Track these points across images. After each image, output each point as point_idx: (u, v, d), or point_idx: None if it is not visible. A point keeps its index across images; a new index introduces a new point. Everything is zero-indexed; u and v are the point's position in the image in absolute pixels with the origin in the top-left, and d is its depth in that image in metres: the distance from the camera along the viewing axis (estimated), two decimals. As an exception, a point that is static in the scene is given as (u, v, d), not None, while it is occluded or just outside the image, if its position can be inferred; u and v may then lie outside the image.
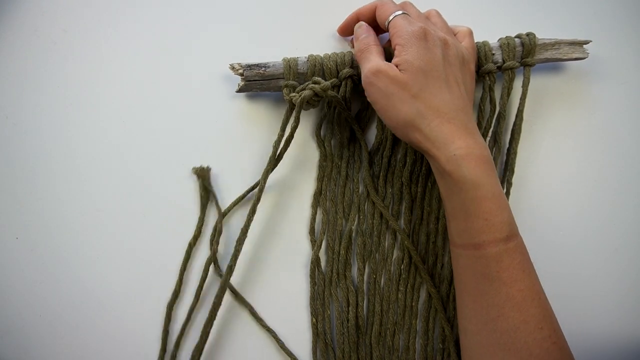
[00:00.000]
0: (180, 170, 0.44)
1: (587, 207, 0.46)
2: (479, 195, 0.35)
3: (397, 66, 0.37)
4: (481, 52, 0.43)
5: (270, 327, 0.43)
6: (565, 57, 0.45)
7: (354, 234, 0.45)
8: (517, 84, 0.45)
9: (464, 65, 0.39)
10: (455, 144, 0.35)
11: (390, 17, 0.39)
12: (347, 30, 0.46)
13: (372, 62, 0.38)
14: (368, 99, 0.39)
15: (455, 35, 0.42)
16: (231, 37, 0.46)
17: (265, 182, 0.41)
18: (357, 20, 0.43)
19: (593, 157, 0.47)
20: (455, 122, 0.36)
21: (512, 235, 0.35)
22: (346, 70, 0.42)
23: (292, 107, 0.41)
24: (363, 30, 0.42)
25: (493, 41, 0.44)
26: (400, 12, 0.40)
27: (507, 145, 0.45)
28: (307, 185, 0.46)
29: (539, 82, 0.47)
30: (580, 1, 0.49)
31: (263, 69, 0.42)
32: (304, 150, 0.46)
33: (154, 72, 0.45)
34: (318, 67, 0.42)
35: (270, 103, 0.46)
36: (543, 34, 0.45)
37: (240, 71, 0.42)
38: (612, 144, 0.47)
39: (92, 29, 0.44)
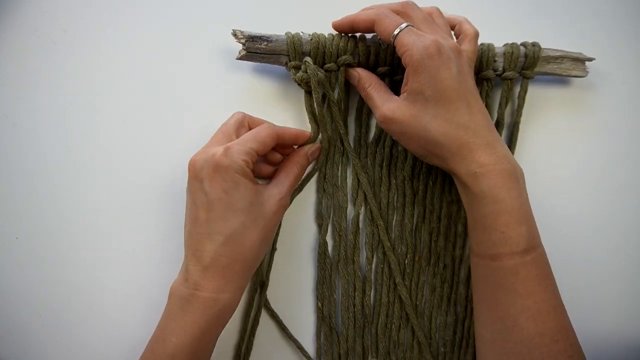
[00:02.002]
0: (183, 170, 0.44)
1: (586, 209, 0.47)
2: (496, 210, 0.35)
3: (408, 93, 0.36)
4: (484, 57, 0.43)
5: (276, 310, 0.44)
6: (564, 73, 0.45)
7: (361, 221, 0.44)
8: (516, 91, 0.45)
9: (472, 70, 0.38)
10: (476, 162, 0.35)
11: (396, 32, 0.36)
12: (340, 31, 0.42)
13: (377, 109, 0.38)
14: None
15: (460, 34, 0.41)
16: (233, 27, 0.46)
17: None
18: (351, 28, 0.40)
19: (593, 158, 0.47)
20: (476, 139, 0.36)
21: (530, 248, 0.35)
22: (344, 58, 0.41)
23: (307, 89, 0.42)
24: (355, 78, 0.42)
25: (499, 45, 0.44)
26: (404, 24, 0.36)
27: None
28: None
29: (539, 85, 0.47)
30: (586, 11, 0.49)
31: (265, 42, 0.41)
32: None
33: (154, 73, 0.45)
34: (321, 48, 0.41)
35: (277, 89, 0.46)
36: (547, 39, 0.44)
37: (243, 40, 0.41)
38: (612, 146, 0.48)
39: (92, 29, 0.44)
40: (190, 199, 0.37)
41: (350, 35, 0.42)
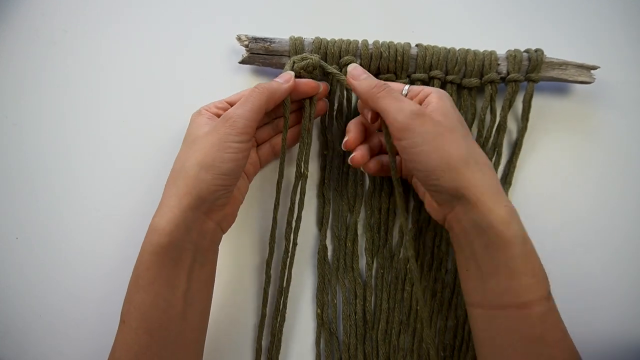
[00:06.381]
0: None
1: (588, 212, 0.46)
2: (527, 251, 0.32)
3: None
4: (486, 61, 0.43)
5: (276, 315, 0.44)
6: (571, 79, 0.44)
7: (360, 226, 0.44)
8: (521, 98, 0.45)
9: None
10: (503, 195, 0.33)
11: (405, 90, 0.39)
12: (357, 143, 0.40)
13: (404, 102, 0.34)
14: (400, 143, 0.34)
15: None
16: (234, 32, 0.46)
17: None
18: (364, 130, 0.41)
19: (594, 159, 0.47)
20: (494, 173, 0.35)
21: (550, 292, 0.33)
22: (347, 58, 0.42)
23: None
24: (359, 71, 0.38)
25: (501, 52, 0.44)
26: (408, 85, 0.39)
27: (507, 157, 0.45)
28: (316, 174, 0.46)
29: (543, 97, 0.47)
30: (593, 21, 0.48)
31: (268, 43, 0.42)
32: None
33: (153, 74, 0.45)
34: (322, 50, 0.42)
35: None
36: (550, 49, 0.44)
37: (246, 42, 0.42)
38: (613, 148, 0.47)
39: (92, 30, 0.44)
40: None
41: (352, 39, 0.42)
